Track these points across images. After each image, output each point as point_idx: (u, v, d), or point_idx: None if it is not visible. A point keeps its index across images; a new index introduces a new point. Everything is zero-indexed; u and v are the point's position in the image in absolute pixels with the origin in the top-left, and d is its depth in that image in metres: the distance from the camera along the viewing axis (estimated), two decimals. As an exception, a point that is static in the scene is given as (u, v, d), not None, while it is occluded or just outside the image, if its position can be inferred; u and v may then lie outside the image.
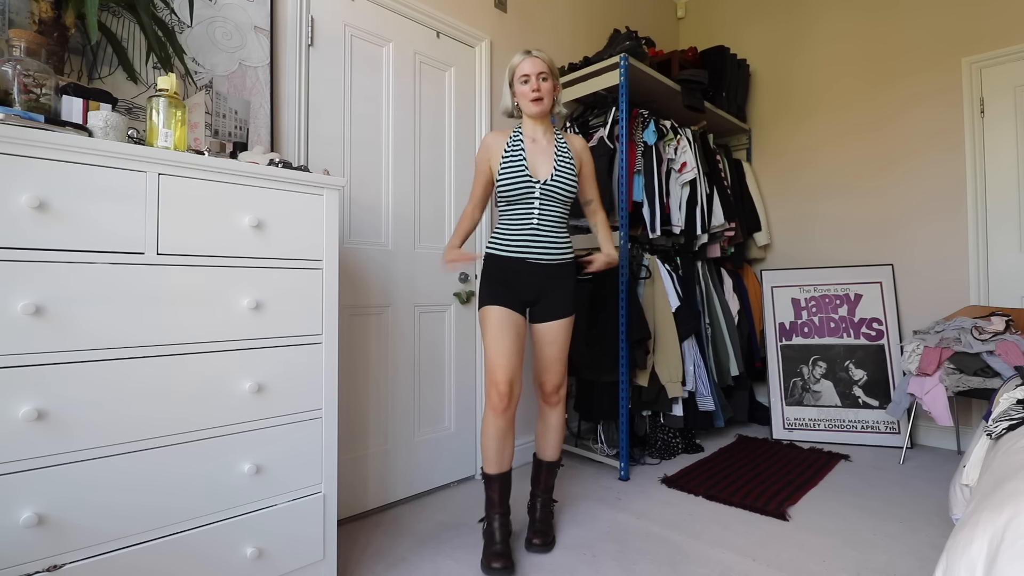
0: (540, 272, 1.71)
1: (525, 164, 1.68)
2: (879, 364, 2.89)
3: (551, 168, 1.70)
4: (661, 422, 2.66)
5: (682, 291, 2.67)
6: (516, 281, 1.70)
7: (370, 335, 2.07)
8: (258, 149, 1.49)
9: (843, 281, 3.04)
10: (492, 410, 1.67)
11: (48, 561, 1.02)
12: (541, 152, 1.72)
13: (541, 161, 1.71)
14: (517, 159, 1.69)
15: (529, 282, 1.70)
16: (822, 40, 3.27)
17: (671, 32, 3.89)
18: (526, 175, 1.67)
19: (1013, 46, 2.65)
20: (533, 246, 1.69)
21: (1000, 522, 0.79)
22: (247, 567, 1.28)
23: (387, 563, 1.67)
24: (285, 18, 1.87)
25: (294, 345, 1.38)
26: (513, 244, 1.70)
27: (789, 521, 1.94)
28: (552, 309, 1.73)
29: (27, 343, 1.01)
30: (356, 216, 2.04)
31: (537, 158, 1.71)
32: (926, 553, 1.70)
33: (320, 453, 1.43)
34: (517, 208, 1.70)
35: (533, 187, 1.67)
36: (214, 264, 1.25)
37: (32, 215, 1.01)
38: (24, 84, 1.12)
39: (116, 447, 1.11)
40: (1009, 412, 1.39)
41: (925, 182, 2.90)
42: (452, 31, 2.37)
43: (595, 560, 1.68)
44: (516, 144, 1.72)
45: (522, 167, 1.67)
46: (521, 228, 1.70)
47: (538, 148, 1.73)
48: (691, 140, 2.79)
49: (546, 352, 1.76)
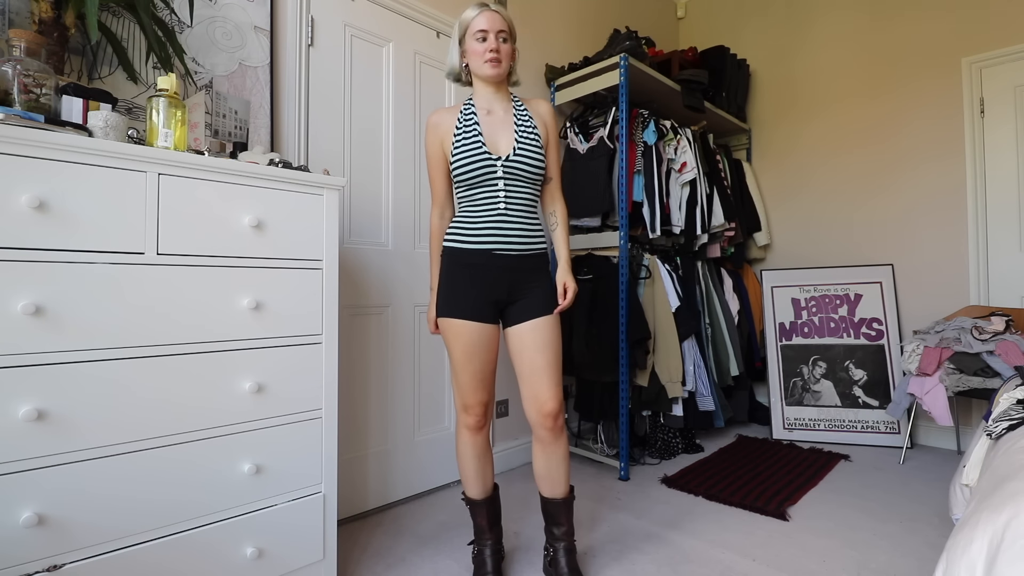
0: (511, 265, 1.45)
1: (481, 140, 1.42)
2: (879, 364, 2.89)
3: (512, 141, 1.45)
4: (661, 422, 2.66)
5: (682, 291, 2.67)
6: (484, 278, 1.44)
7: (370, 335, 2.07)
8: (258, 149, 1.49)
9: (843, 281, 3.04)
10: (467, 429, 1.51)
11: (48, 561, 1.02)
12: (499, 124, 1.47)
13: (501, 134, 1.45)
14: (471, 134, 1.43)
15: (499, 278, 1.44)
16: (822, 39, 3.27)
17: (671, 32, 3.88)
18: (484, 152, 1.41)
19: (1013, 46, 2.65)
20: (502, 235, 1.44)
21: (1000, 522, 0.79)
22: (247, 567, 1.28)
23: (387, 563, 1.67)
24: (285, 18, 1.87)
25: (294, 345, 1.38)
26: (477, 234, 1.44)
27: (789, 521, 1.94)
28: (533, 306, 1.46)
29: (27, 343, 1.01)
30: (356, 216, 2.04)
31: (496, 131, 1.45)
32: (926, 553, 1.70)
33: (320, 453, 1.43)
34: (478, 192, 1.44)
35: (494, 165, 1.41)
36: (214, 264, 1.25)
37: (32, 215, 1.01)
38: (24, 84, 1.12)
39: (116, 447, 1.11)
40: (1009, 412, 1.39)
41: (925, 182, 2.90)
42: (452, 31, 2.37)
43: (595, 560, 1.68)
44: (468, 117, 1.46)
45: (478, 143, 1.42)
46: (486, 215, 1.44)
47: (495, 120, 1.47)
48: (691, 140, 2.79)
49: (536, 361, 1.44)
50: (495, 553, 1.56)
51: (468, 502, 1.57)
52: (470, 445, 1.52)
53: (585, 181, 2.59)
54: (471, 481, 1.54)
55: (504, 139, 1.46)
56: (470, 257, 1.45)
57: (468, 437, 1.51)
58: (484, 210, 1.45)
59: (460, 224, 1.48)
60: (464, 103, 1.51)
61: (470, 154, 1.42)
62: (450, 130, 1.48)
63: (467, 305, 1.44)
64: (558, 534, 1.52)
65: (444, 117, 1.50)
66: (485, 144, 1.43)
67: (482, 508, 1.55)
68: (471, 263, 1.45)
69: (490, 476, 1.56)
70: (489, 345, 1.47)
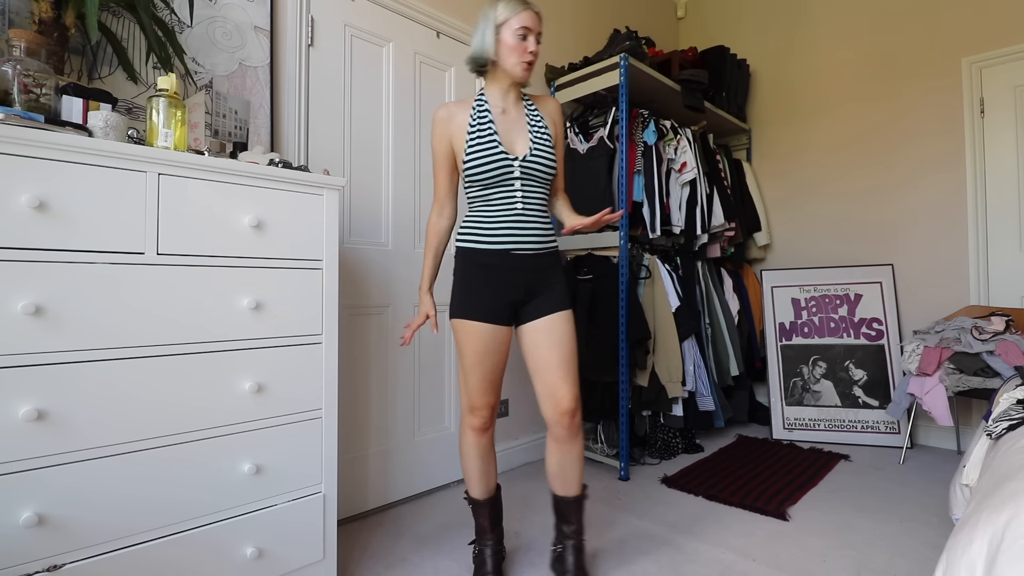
0: (528, 265, 1.44)
1: (498, 139, 1.40)
2: (879, 364, 2.89)
3: (528, 142, 1.44)
4: (661, 422, 2.66)
5: (682, 291, 2.67)
6: (500, 279, 1.43)
7: (370, 335, 2.07)
8: (258, 149, 1.49)
9: (843, 281, 3.04)
10: (472, 430, 1.49)
11: (48, 561, 1.02)
12: (513, 123, 1.45)
13: (516, 134, 1.44)
14: (487, 133, 1.41)
15: (515, 278, 1.43)
16: (822, 39, 3.27)
17: (671, 32, 3.88)
18: (501, 152, 1.39)
19: (1013, 46, 2.65)
20: (519, 234, 1.43)
21: (1000, 522, 0.79)
22: (247, 567, 1.28)
23: (387, 563, 1.67)
24: (285, 18, 1.87)
25: (294, 345, 1.38)
26: (495, 234, 1.42)
27: (789, 521, 1.94)
28: (548, 303, 1.46)
29: (27, 343, 1.01)
30: (356, 216, 2.04)
31: (511, 131, 1.44)
32: (926, 553, 1.70)
33: (320, 453, 1.43)
34: (495, 192, 1.42)
35: (511, 166, 1.40)
36: (214, 264, 1.25)
37: (32, 215, 1.01)
38: (24, 84, 1.12)
39: (116, 447, 1.11)
40: (1009, 412, 1.39)
41: (925, 182, 2.90)
42: (452, 31, 2.37)
43: (595, 560, 1.68)
44: (483, 116, 1.43)
45: (494, 143, 1.39)
46: (503, 215, 1.42)
47: (510, 119, 1.45)
48: (691, 140, 2.79)
49: (552, 357, 1.43)
50: (496, 553, 1.56)
51: (471, 502, 1.56)
52: (474, 446, 1.51)
53: (585, 181, 2.60)
54: (474, 481, 1.53)
55: (519, 139, 1.44)
56: (487, 257, 1.43)
57: (473, 438, 1.50)
58: (501, 210, 1.43)
59: (475, 224, 1.46)
60: (476, 99, 1.47)
61: (486, 154, 1.39)
62: (461, 127, 1.44)
63: (483, 307, 1.42)
64: (568, 532, 1.51)
65: (454, 112, 1.46)
66: (501, 144, 1.41)
67: (484, 508, 1.55)
68: (487, 263, 1.43)
69: (493, 476, 1.56)
70: (501, 348, 1.46)
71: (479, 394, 1.47)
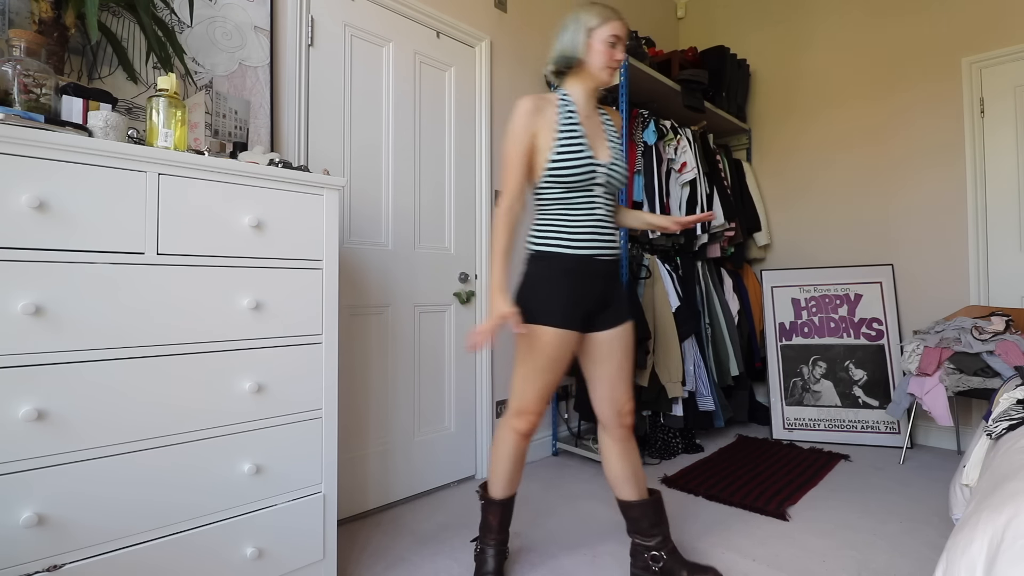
0: (605, 271, 1.46)
1: (586, 143, 1.41)
2: (879, 364, 2.89)
3: (607, 149, 1.47)
4: (661, 422, 2.66)
5: (682, 291, 2.67)
6: (581, 286, 1.42)
7: (370, 335, 2.07)
8: (258, 149, 1.49)
9: (843, 281, 3.04)
10: (516, 433, 1.49)
11: (48, 561, 1.02)
12: (595, 130, 1.48)
13: (598, 141, 1.46)
14: (578, 135, 1.41)
15: (594, 286, 1.44)
16: (822, 39, 3.27)
17: (671, 32, 3.88)
18: (590, 156, 1.40)
19: (1013, 46, 2.65)
20: (600, 240, 1.44)
21: (1000, 522, 0.79)
22: (247, 567, 1.28)
23: (387, 563, 1.67)
24: (285, 18, 1.87)
25: (294, 345, 1.38)
26: (580, 239, 1.42)
27: (789, 521, 1.94)
28: (619, 312, 1.49)
29: (27, 343, 1.01)
30: (356, 216, 2.04)
31: (595, 137, 1.46)
32: (926, 553, 1.70)
33: (320, 453, 1.43)
34: (577, 196, 1.42)
35: (596, 172, 1.41)
36: (214, 264, 1.25)
37: (32, 215, 1.01)
38: (24, 84, 1.12)
39: (116, 447, 1.11)
40: (1009, 412, 1.39)
41: (925, 182, 2.90)
42: (452, 31, 2.37)
43: (595, 560, 1.68)
44: (571, 117, 1.44)
45: (583, 146, 1.40)
46: (586, 220, 1.43)
47: (593, 125, 1.48)
48: (691, 140, 2.79)
49: (624, 366, 1.49)
50: (499, 553, 1.56)
51: (485, 498, 1.56)
52: (513, 447, 1.50)
53: (585, 181, 2.59)
54: (499, 482, 1.53)
55: (600, 146, 1.46)
56: (571, 263, 1.42)
57: (514, 441, 1.50)
58: (584, 215, 1.43)
59: (558, 228, 1.43)
60: (560, 99, 1.46)
61: (577, 158, 1.39)
62: (549, 125, 1.42)
63: (565, 313, 1.41)
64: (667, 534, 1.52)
65: (542, 107, 1.43)
66: (589, 148, 1.42)
67: (497, 508, 1.55)
68: (571, 269, 1.42)
69: (518, 481, 1.56)
70: (570, 356, 1.46)
71: (538, 400, 1.46)
